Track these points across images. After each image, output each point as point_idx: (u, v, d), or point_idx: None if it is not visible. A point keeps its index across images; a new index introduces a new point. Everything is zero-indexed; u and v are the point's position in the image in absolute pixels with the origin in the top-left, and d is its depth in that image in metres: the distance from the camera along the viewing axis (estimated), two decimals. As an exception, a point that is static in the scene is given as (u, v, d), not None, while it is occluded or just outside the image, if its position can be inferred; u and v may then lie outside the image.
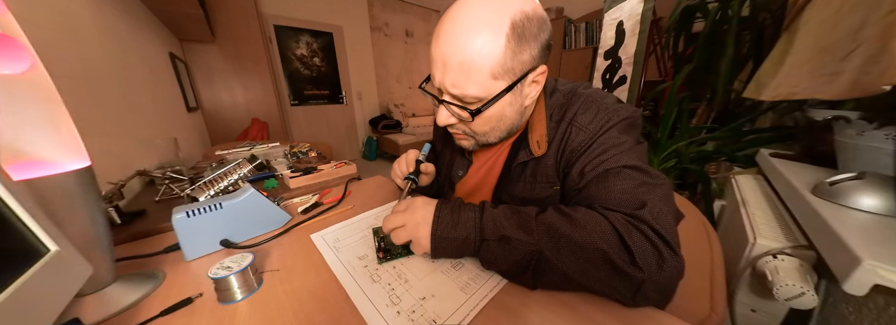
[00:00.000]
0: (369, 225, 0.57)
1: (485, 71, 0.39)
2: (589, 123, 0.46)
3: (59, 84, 0.33)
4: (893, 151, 0.56)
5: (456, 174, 0.64)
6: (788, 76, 0.93)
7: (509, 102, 0.44)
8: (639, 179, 0.40)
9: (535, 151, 0.49)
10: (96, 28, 1.01)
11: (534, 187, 0.52)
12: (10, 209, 0.26)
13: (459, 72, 0.39)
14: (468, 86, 0.40)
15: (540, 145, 0.49)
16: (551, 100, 0.51)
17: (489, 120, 0.46)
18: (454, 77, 0.40)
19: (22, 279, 0.24)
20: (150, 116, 1.28)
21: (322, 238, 0.53)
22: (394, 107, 3.96)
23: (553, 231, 0.36)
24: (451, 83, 0.41)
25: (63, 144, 0.33)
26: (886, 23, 0.63)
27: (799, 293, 0.52)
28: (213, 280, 0.37)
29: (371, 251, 0.48)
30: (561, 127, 0.49)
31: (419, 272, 0.42)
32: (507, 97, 0.42)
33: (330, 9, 3.26)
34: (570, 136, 0.47)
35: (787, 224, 0.67)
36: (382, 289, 0.39)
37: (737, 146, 1.21)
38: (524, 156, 0.51)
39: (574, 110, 0.48)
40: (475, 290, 0.38)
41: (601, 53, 1.83)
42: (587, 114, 0.47)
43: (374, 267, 0.44)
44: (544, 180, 0.51)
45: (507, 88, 0.41)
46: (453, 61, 0.39)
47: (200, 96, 2.47)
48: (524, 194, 0.53)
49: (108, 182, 0.70)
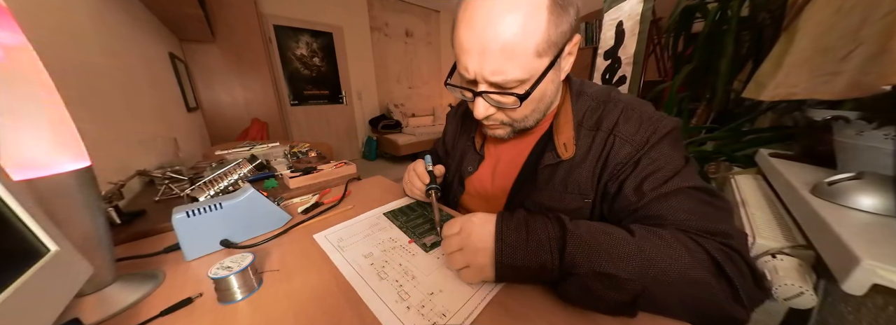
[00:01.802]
0: (371, 225, 0.57)
1: (530, 51, 0.36)
2: (634, 135, 0.43)
3: (58, 84, 0.33)
4: (892, 151, 0.57)
5: (466, 170, 0.62)
6: (788, 76, 0.93)
7: (551, 79, 0.41)
8: (713, 203, 0.37)
9: (562, 154, 0.47)
10: (96, 28, 1.01)
11: (563, 197, 0.48)
12: (10, 209, 0.26)
13: (501, 57, 0.36)
14: (511, 70, 0.37)
15: (567, 148, 0.47)
16: (579, 103, 0.48)
17: (530, 102, 0.42)
18: (495, 64, 0.37)
19: (22, 279, 0.24)
20: (149, 116, 1.28)
21: (325, 238, 0.53)
22: (394, 107, 3.96)
23: (651, 262, 0.31)
24: (491, 71, 0.37)
25: (63, 144, 0.33)
26: (886, 23, 0.63)
27: (798, 293, 0.52)
28: (213, 280, 0.37)
29: (376, 249, 0.48)
30: (599, 136, 0.45)
31: (425, 268, 0.43)
32: (550, 74, 0.39)
33: (330, 9, 3.26)
34: (613, 147, 0.44)
35: (786, 224, 0.67)
36: (390, 286, 0.39)
37: (736, 146, 1.21)
38: (551, 158, 0.48)
39: (613, 119, 0.45)
40: (480, 285, 0.38)
41: (601, 53, 1.84)
42: (629, 124, 0.44)
43: (380, 265, 0.44)
44: (576, 190, 0.47)
45: (551, 64, 0.38)
46: (494, 47, 0.35)
47: (200, 96, 2.46)
48: (551, 203, 0.48)
49: (108, 182, 0.70)
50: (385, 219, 0.59)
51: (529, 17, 0.34)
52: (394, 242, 0.50)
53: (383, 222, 0.57)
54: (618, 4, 1.70)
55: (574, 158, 0.46)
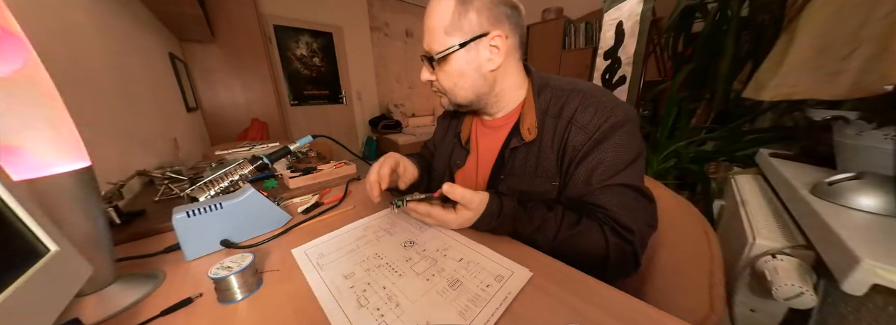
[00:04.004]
0: (358, 237, 0.52)
1: (440, 29, 0.50)
2: (588, 123, 0.49)
3: (58, 84, 0.33)
4: (892, 151, 0.57)
5: (455, 163, 0.68)
6: (788, 76, 0.93)
7: (466, 60, 0.51)
8: (639, 200, 0.49)
9: (526, 137, 0.54)
10: (95, 28, 1.01)
11: (534, 181, 0.55)
12: (10, 209, 0.26)
13: (428, 33, 0.51)
14: (432, 43, 0.51)
15: (531, 132, 0.54)
16: (543, 94, 0.55)
17: (451, 75, 0.53)
18: (427, 38, 0.52)
19: (22, 279, 0.24)
20: (149, 116, 1.28)
21: (305, 253, 0.48)
22: (393, 107, 3.96)
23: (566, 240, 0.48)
24: (426, 44, 0.52)
25: (63, 145, 0.33)
26: (887, 23, 0.63)
27: (798, 293, 0.52)
28: (213, 280, 0.37)
29: (359, 268, 0.43)
30: (560, 123, 0.52)
31: (412, 292, 0.38)
32: (462, 53, 0.51)
33: (330, 9, 3.26)
34: (570, 134, 0.51)
35: (786, 224, 0.67)
36: (370, 315, 0.34)
37: (736, 146, 1.21)
38: (516, 142, 0.55)
39: (573, 107, 0.51)
40: (476, 314, 0.34)
41: (601, 54, 1.84)
42: (586, 112, 0.50)
43: (361, 288, 0.39)
44: (544, 174, 0.54)
45: (461, 45, 0.50)
46: (426, 26, 0.51)
47: (200, 96, 2.46)
48: (524, 187, 0.56)
49: (108, 182, 0.70)
50: (372, 231, 0.54)
51: (441, 6, 0.49)
52: (380, 258, 0.45)
53: (371, 235, 0.52)
54: (618, 4, 1.69)
55: (541, 143, 0.54)
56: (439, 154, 0.75)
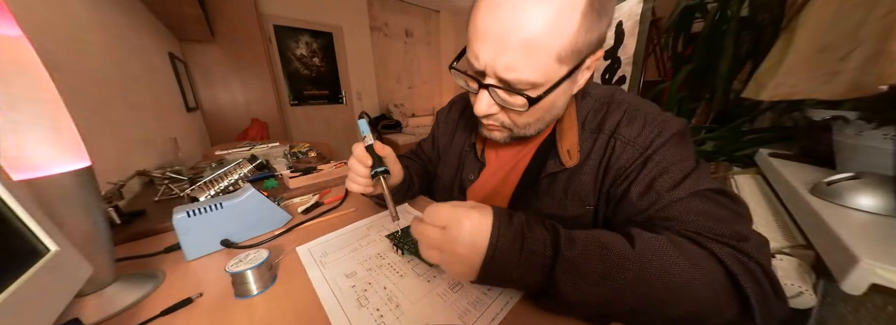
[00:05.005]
0: (361, 236, 0.52)
1: (552, 53, 0.32)
2: (636, 137, 0.40)
3: (58, 84, 0.33)
4: (892, 151, 0.57)
5: (467, 178, 0.58)
6: (787, 76, 0.93)
7: (564, 91, 0.38)
8: (729, 206, 0.34)
9: (566, 162, 0.44)
10: (95, 28, 1.01)
11: (564, 205, 0.46)
12: (10, 209, 0.26)
13: (521, 53, 0.32)
14: (527, 69, 0.33)
15: (571, 155, 0.44)
16: (582, 105, 0.46)
17: (537, 110, 0.38)
18: (512, 58, 0.32)
19: (22, 279, 0.24)
20: (149, 116, 1.28)
21: (309, 251, 0.48)
22: (394, 107, 3.96)
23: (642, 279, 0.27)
24: (504, 65, 0.33)
25: (63, 144, 0.33)
26: (885, 23, 0.63)
27: (797, 293, 0.52)
28: (231, 275, 0.37)
29: (361, 267, 0.43)
30: (600, 139, 0.43)
31: (413, 294, 0.37)
32: (565, 84, 0.36)
33: (330, 9, 3.26)
34: (614, 151, 0.41)
35: (785, 224, 0.67)
36: (369, 315, 0.34)
37: (736, 146, 1.21)
38: (554, 166, 0.45)
39: (615, 121, 0.43)
40: (477, 317, 0.33)
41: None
42: (633, 126, 0.41)
43: (362, 287, 0.39)
44: (576, 198, 0.45)
45: (569, 73, 0.35)
46: (515, 39, 0.31)
47: (200, 96, 2.46)
48: (552, 210, 0.46)
49: (108, 182, 0.70)
50: (375, 231, 0.54)
51: (562, 15, 0.30)
52: (382, 258, 0.45)
53: (373, 234, 0.53)
54: (617, 4, 1.70)
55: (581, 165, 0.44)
56: (447, 162, 0.64)
